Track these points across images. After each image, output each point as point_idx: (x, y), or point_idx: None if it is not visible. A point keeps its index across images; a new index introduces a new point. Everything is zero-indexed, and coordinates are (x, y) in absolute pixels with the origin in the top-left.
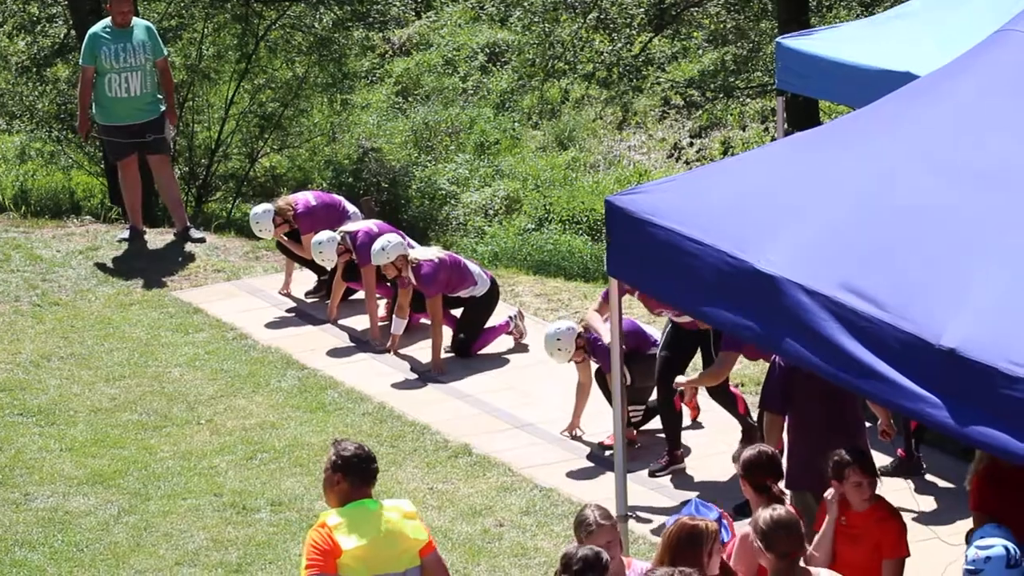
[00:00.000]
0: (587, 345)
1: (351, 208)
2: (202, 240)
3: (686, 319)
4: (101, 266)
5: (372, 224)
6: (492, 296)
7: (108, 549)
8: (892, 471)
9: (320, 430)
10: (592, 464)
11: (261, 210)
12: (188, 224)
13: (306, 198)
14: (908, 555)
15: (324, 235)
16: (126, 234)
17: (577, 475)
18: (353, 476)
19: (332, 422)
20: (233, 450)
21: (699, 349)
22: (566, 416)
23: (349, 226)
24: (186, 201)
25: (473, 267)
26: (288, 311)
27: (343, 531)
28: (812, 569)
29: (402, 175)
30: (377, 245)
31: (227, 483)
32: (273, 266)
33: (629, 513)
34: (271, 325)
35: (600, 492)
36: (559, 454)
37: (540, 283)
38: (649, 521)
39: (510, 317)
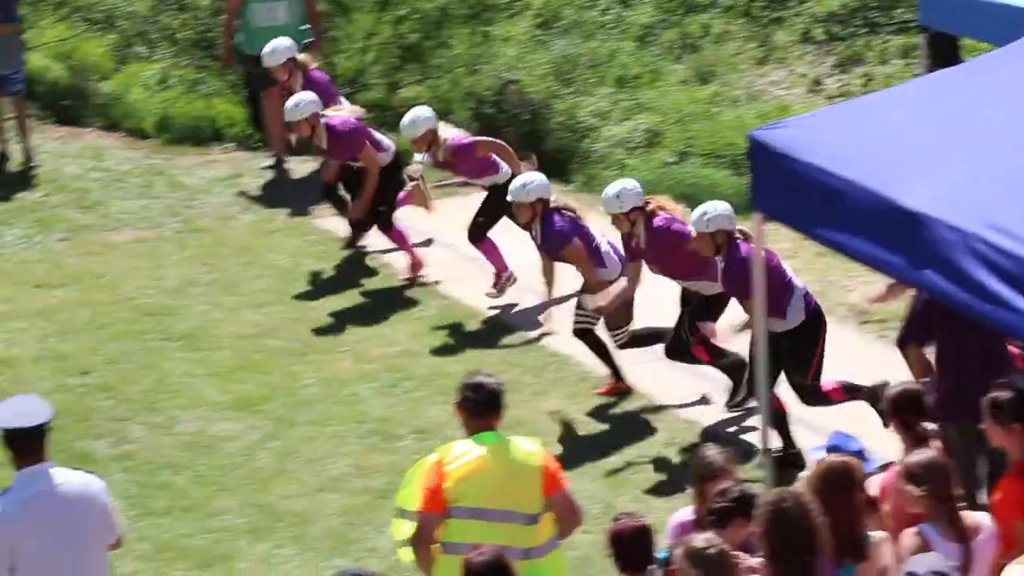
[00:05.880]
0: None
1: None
2: None
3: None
4: (243, 193)
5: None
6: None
7: (252, 474)
8: None
9: (462, 359)
10: (740, 397)
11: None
12: None
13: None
14: None
15: (307, 95)
16: (270, 162)
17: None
18: (469, 408)
19: (474, 351)
20: (376, 378)
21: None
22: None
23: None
24: None
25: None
26: (426, 240)
27: (451, 461)
28: (970, 514)
29: (543, 108)
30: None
31: (370, 411)
32: None
33: (773, 450)
34: None
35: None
36: (706, 386)
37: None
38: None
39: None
